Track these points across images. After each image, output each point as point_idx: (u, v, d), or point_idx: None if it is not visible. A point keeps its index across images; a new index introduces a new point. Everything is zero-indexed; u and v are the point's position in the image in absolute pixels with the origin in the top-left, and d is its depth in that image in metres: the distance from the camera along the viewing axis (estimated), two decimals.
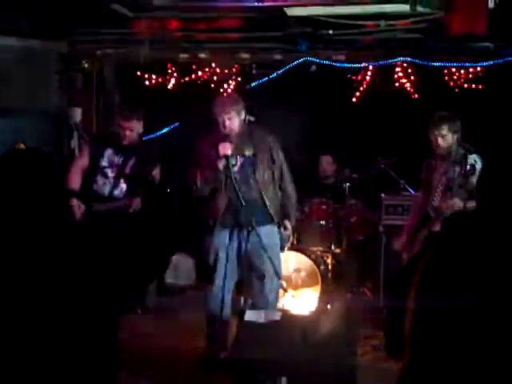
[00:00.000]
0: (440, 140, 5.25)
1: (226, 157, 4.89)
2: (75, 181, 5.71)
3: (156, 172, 5.95)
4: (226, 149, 4.89)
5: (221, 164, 4.91)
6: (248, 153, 5.04)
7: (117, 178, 5.68)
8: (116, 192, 5.72)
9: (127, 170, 5.69)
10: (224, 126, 4.95)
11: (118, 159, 5.71)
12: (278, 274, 5.16)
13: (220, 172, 4.95)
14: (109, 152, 5.71)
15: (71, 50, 7.67)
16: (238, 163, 5.02)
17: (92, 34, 7.34)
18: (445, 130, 5.24)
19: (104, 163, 5.70)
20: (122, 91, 8.27)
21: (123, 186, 5.68)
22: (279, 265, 5.25)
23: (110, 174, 5.67)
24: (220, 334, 5.17)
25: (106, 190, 5.68)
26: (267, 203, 5.05)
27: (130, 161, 5.72)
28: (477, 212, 2.62)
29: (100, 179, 5.71)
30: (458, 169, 5.06)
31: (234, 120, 4.96)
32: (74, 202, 5.56)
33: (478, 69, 7.59)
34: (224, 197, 5.01)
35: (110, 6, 6.47)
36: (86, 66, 7.98)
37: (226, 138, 4.95)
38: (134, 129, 5.67)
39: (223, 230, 5.07)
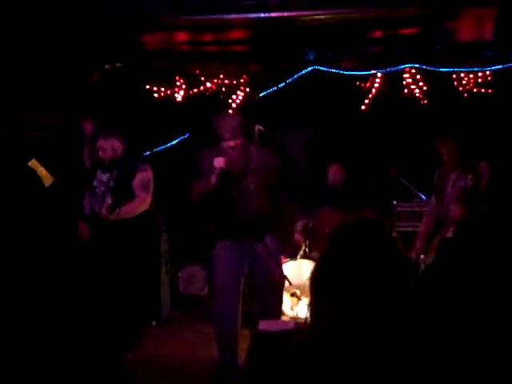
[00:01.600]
0: (446, 152, 5.29)
1: (221, 170, 4.90)
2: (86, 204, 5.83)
3: (140, 177, 5.85)
4: (220, 162, 4.90)
5: (215, 178, 4.92)
6: (244, 180, 5.02)
7: (104, 193, 5.68)
8: (103, 207, 5.67)
9: (111, 183, 5.69)
10: (229, 148, 4.97)
11: (104, 177, 5.73)
12: (283, 283, 5.17)
13: (214, 186, 4.95)
14: (98, 172, 5.77)
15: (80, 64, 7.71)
16: (236, 189, 5.00)
17: (101, 47, 7.37)
18: (449, 142, 5.28)
19: (94, 183, 5.73)
20: (130, 104, 8.29)
21: (109, 200, 5.64)
22: (281, 272, 5.27)
23: (99, 191, 5.69)
24: (231, 346, 5.15)
25: (96, 207, 5.66)
26: (268, 218, 5.06)
27: (113, 173, 5.71)
28: (488, 217, 2.62)
29: (90, 198, 5.74)
30: (469, 176, 5.07)
31: (238, 141, 4.97)
32: (81, 225, 5.69)
33: (487, 73, 7.59)
34: (224, 210, 5.00)
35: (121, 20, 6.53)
36: (95, 79, 8.01)
37: (224, 153, 4.97)
38: (105, 148, 5.68)
39: (226, 241, 5.08)
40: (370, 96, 7.97)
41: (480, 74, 7.62)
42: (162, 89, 8.43)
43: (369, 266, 1.87)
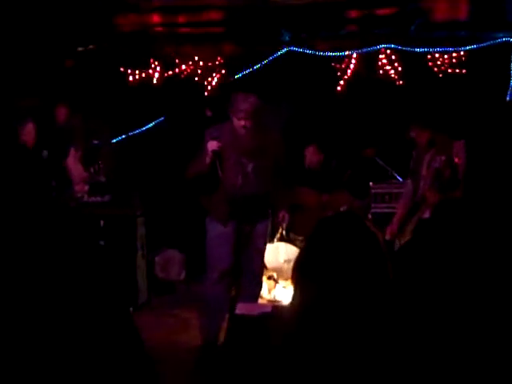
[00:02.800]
0: (416, 135, 5.33)
1: (214, 152, 4.87)
2: None
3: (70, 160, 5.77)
4: (213, 146, 4.87)
5: (208, 159, 4.89)
6: (251, 153, 4.99)
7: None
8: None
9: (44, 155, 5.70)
10: (241, 127, 4.91)
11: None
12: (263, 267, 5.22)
13: (207, 168, 4.92)
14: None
15: (53, 47, 7.62)
16: (250, 166, 4.98)
17: (74, 30, 7.28)
18: (418, 128, 5.31)
19: None
20: (105, 87, 8.21)
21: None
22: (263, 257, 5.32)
23: None
24: (215, 326, 5.16)
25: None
26: (264, 200, 5.06)
27: (44, 153, 5.69)
28: (464, 199, 2.62)
29: None
30: (443, 157, 5.10)
31: (249, 121, 4.88)
32: None
33: (461, 53, 7.61)
34: (219, 192, 5.00)
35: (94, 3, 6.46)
36: (69, 62, 7.94)
37: (234, 134, 4.94)
38: (31, 131, 5.65)
39: (218, 224, 5.05)
40: (346, 77, 7.96)
41: (454, 55, 7.63)
42: (137, 71, 8.36)
43: (348, 250, 1.98)
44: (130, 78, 8.35)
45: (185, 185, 5.33)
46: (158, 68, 8.33)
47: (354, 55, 7.82)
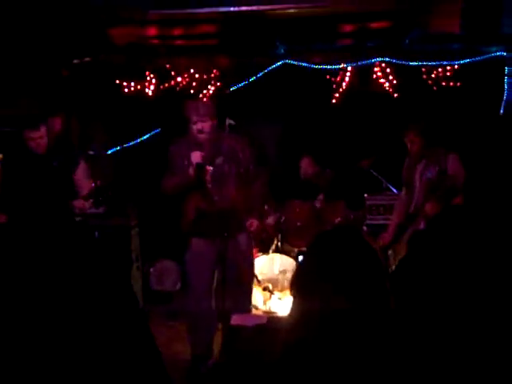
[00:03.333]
0: (410, 145, 5.36)
1: (198, 164, 4.84)
2: None
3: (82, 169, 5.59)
4: (197, 157, 4.84)
5: (192, 171, 4.86)
6: (217, 161, 4.96)
7: None
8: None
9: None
10: (197, 132, 4.90)
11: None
12: (254, 278, 5.19)
13: (191, 180, 4.89)
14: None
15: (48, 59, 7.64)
16: (209, 172, 4.93)
17: (70, 42, 7.30)
18: (412, 136, 5.33)
19: None
20: (100, 99, 8.23)
21: None
22: (253, 269, 5.30)
23: None
24: (204, 341, 5.14)
25: None
26: (238, 212, 5.00)
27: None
28: (461, 209, 2.64)
29: None
30: (436, 168, 5.13)
31: (206, 124, 4.89)
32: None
33: (456, 66, 7.66)
34: (197, 205, 4.98)
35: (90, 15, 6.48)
36: (64, 74, 7.95)
37: (197, 143, 4.92)
38: (43, 135, 5.39)
39: (199, 238, 5.03)
40: (341, 90, 7.99)
41: (448, 68, 7.68)
42: (132, 83, 8.37)
43: (348, 264, 2.03)
44: (126, 90, 8.37)
45: (172, 204, 5.29)
46: (154, 80, 8.35)
47: (349, 68, 7.86)
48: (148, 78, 8.36)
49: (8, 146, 6.11)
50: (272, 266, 6.45)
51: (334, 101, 8.06)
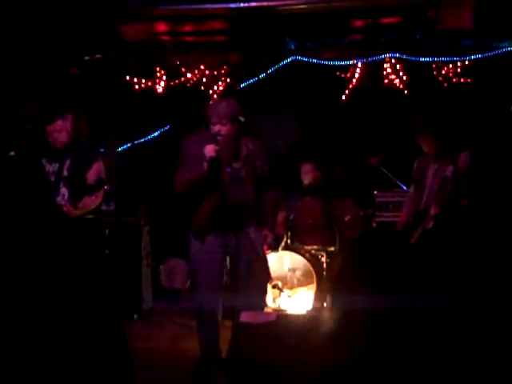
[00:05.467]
0: (427, 147, 5.30)
1: (212, 159, 4.76)
2: None
3: (97, 167, 5.50)
4: (211, 151, 4.74)
5: (206, 166, 4.76)
6: (235, 165, 4.86)
7: (56, 184, 5.32)
8: (58, 199, 5.32)
9: (65, 173, 5.35)
10: (213, 130, 4.85)
11: (53, 167, 5.36)
12: (267, 274, 5.14)
13: (205, 174, 4.80)
14: (44, 162, 5.37)
15: (59, 56, 7.66)
16: (226, 172, 4.83)
17: (80, 39, 7.31)
18: (429, 137, 5.28)
19: None
20: (111, 96, 8.24)
21: (64, 190, 5.32)
22: (266, 264, 5.20)
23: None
24: (213, 337, 5.13)
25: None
26: (253, 208, 4.94)
27: (66, 162, 5.37)
28: (467, 210, 2.63)
29: None
30: (450, 168, 5.08)
31: (225, 127, 4.79)
32: None
33: (466, 63, 7.61)
34: (213, 201, 4.94)
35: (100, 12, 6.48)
36: (75, 71, 7.96)
37: (213, 140, 4.88)
38: (62, 129, 5.35)
39: (210, 233, 4.94)
40: (351, 86, 7.96)
41: (459, 64, 7.63)
42: (143, 80, 8.38)
43: None
44: (136, 87, 8.38)
45: (182, 201, 5.24)
46: (164, 77, 8.35)
47: (359, 64, 7.83)
48: (158, 75, 8.36)
49: (21, 142, 6.14)
50: (281, 263, 6.45)
51: (344, 97, 8.03)
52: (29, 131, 6.93)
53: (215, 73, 8.30)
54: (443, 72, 7.70)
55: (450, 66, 7.67)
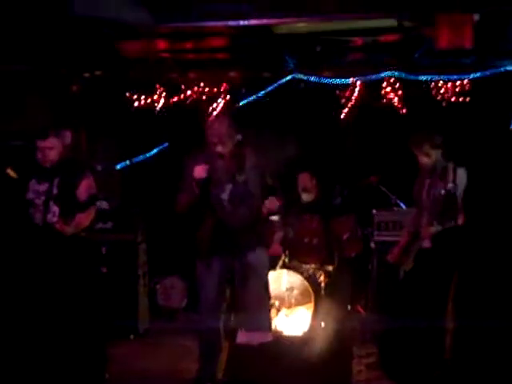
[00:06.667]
0: (425, 159, 5.28)
1: (201, 180, 4.78)
2: None
3: (87, 184, 5.36)
4: (200, 172, 4.77)
5: (196, 187, 4.79)
6: (239, 179, 4.90)
7: (46, 203, 5.21)
8: (49, 216, 5.22)
9: (55, 191, 5.23)
10: (215, 151, 4.86)
11: (42, 187, 5.25)
12: (268, 295, 5.12)
13: (198, 196, 4.82)
14: (32, 183, 5.28)
15: (59, 73, 7.68)
16: (228, 190, 4.88)
17: (80, 56, 7.33)
18: (427, 148, 5.27)
19: (30, 195, 5.25)
20: (110, 113, 8.25)
21: (55, 208, 5.20)
22: (268, 286, 5.18)
23: (38, 201, 5.21)
24: (213, 357, 5.11)
25: (38, 219, 5.20)
26: (258, 228, 4.97)
27: (55, 180, 5.25)
28: (465, 227, 2.62)
29: (30, 211, 5.25)
30: (442, 184, 5.08)
31: (225, 146, 4.85)
32: None
33: (465, 82, 7.62)
34: (209, 222, 4.93)
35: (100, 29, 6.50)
36: (74, 88, 7.98)
37: (215, 159, 4.87)
38: (53, 146, 5.25)
39: (212, 254, 4.94)
40: (350, 105, 7.97)
41: (458, 83, 7.64)
42: (142, 97, 8.39)
43: None
44: (135, 104, 8.39)
45: (179, 219, 5.22)
46: (163, 94, 8.37)
47: (358, 83, 7.83)
48: (158, 92, 8.38)
49: (17, 159, 6.11)
50: (279, 282, 6.40)
51: (343, 115, 8.03)
52: (23, 148, 6.92)
53: (215, 90, 8.31)
54: (442, 91, 7.71)
55: (449, 84, 7.68)
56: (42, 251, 5.14)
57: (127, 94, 8.36)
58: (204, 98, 8.37)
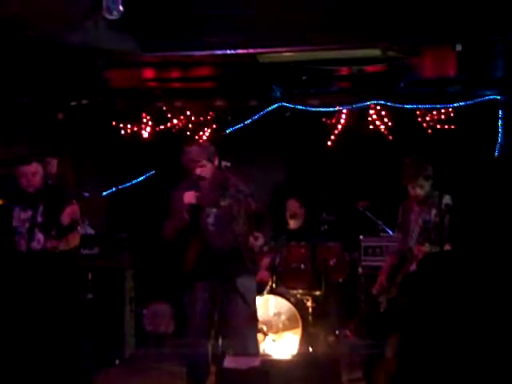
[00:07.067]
0: (418, 190, 5.29)
1: (192, 206, 4.79)
2: None
3: (70, 210, 5.40)
4: (190, 198, 4.78)
5: (186, 213, 4.79)
6: (223, 203, 4.92)
7: (30, 231, 5.21)
8: (33, 244, 5.22)
9: (39, 219, 5.24)
10: (195, 175, 4.87)
11: (27, 214, 5.26)
12: (255, 320, 5.09)
13: (187, 222, 4.81)
14: (16, 211, 5.30)
15: (46, 101, 7.68)
16: (212, 214, 4.89)
17: (66, 84, 7.34)
18: (420, 180, 5.28)
19: (15, 223, 5.27)
20: (97, 141, 8.27)
21: (39, 236, 5.22)
22: (255, 311, 5.15)
23: (23, 229, 5.22)
24: (200, 382, 5.06)
25: (23, 246, 5.19)
26: (244, 255, 4.93)
27: (39, 208, 5.26)
28: (451, 252, 2.63)
29: (15, 238, 5.27)
30: (433, 211, 5.10)
31: (205, 168, 4.87)
32: None
33: (450, 110, 7.71)
34: (196, 248, 4.92)
35: (87, 58, 6.51)
36: (61, 116, 7.99)
37: (197, 186, 4.88)
38: (36, 172, 5.27)
39: (199, 281, 4.93)
40: (336, 132, 8.03)
41: (443, 111, 7.73)
42: (129, 125, 8.41)
43: None
44: (122, 132, 8.40)
45: (167, 246, 5.22)
46: (150, 122, 8.39)
47: (345, 111, 7.91)
48: (144, 120, 8.40)
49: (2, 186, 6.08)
50: (266, 307, 6.38)
51: (329, 143, 8.09)
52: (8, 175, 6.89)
53: (201, 119, 8.35)
54: (427, 118, 7.79)
55: (434, 112, 7.77)
56: (27, 279, 5.11)
57: (113, 123, 8.38)
58: (190, 126, 8.40)
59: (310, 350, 6.25)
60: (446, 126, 7.77)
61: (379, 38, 6.38)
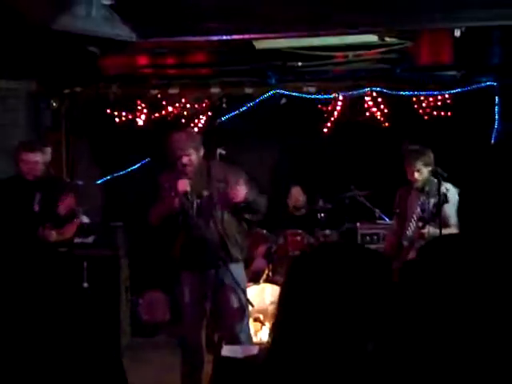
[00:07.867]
0: (416, 174, 5.29)
1: (185, 194, 4.75)
2: None
3: (68, 201, 5.43)
4: (184, 185, 4.75)
5: (178, 201, 4.76)
6: (205, 193, 4.88)
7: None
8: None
9: (36, 208, 5.25)
10: (181, 164, 4.83)
11: (24, 202, 5.23)
12: (246, 310, 5.08)
13: (178, 210, 4.80)
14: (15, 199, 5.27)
15: (40, 89, 7.62)
16: (195, 204, 4.85)
17: (60, 72, 7.28)
18: (419, 165, 5.27)
19: None
20: (91, 129, 8.21)
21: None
22: (245, 300, 5.10)
23: None
24: (195, 373, 5.05)
25: None
26: (228, 244, 4.88)
27: (37, 197, 5.27)
28: (453, 239, 2.57)
29: None
30: (432, 199, 5.08)
31: (191, 157, 4.81)
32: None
33: (446, 96, 7.68)
34: (184, 236, 4.89)
35: (81, 44, 6.45)
36: (55, 104, 7.92)
37: (183, 175, 4.85)
38: (39, 161, 5.29)
39: (188, 269, 4.92)
40: (332, 119, 7.99)
41: (439, 97, 7.70)
42: (124, 113, 8.35)
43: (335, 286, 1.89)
44: (117, 120, 8.34)
45: (161, 233, 5.20)
46: (145, 110, 8.33)
47: (341, 97, 7.86)
48: (139, 108, 8.34)
49: None
50: (263, 296, 6.37)
51: (325, 130, 8.05)
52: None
53: (196, 106, 8.29)
54: (423, 105, 7.76)
55: (430, 99, 7.74)
56: (21, 266, 5.07)
57: (108, 110, 8.32)
58: (185, 113, 8.35)
59: None
60: (443, 113, 7.74)
61: (376, 23, 6.34)
